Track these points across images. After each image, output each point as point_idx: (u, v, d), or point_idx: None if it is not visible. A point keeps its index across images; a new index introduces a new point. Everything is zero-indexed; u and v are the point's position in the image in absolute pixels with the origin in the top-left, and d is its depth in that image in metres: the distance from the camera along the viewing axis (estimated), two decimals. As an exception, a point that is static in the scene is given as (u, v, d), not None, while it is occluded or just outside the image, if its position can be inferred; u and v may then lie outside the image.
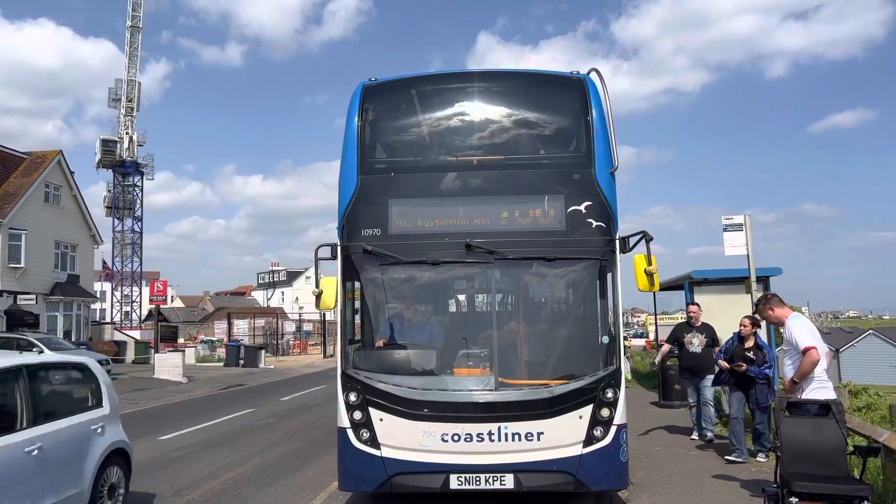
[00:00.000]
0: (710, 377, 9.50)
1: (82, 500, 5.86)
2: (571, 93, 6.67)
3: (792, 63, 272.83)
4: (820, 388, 5.97)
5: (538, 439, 5.86)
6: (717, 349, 9.33)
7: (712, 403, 9.86)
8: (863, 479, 5.45)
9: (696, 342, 9.82)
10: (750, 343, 8.55)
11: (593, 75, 6.60)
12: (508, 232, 6.24)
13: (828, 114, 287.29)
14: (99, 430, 6.26)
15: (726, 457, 8.48)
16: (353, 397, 6.07)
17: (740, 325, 8.71)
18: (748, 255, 11.45)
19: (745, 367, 8.32)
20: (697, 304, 10.45)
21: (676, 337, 10.14)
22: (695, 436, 9.99)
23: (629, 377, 18.90)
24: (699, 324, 10.02)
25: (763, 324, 8.68)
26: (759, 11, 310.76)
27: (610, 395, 5.95)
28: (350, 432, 6.06)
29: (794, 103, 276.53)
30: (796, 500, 4.94)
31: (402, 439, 5.94)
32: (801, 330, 6.07)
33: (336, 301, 6.24)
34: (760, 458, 8.50)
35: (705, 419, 9.77)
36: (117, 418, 6.72)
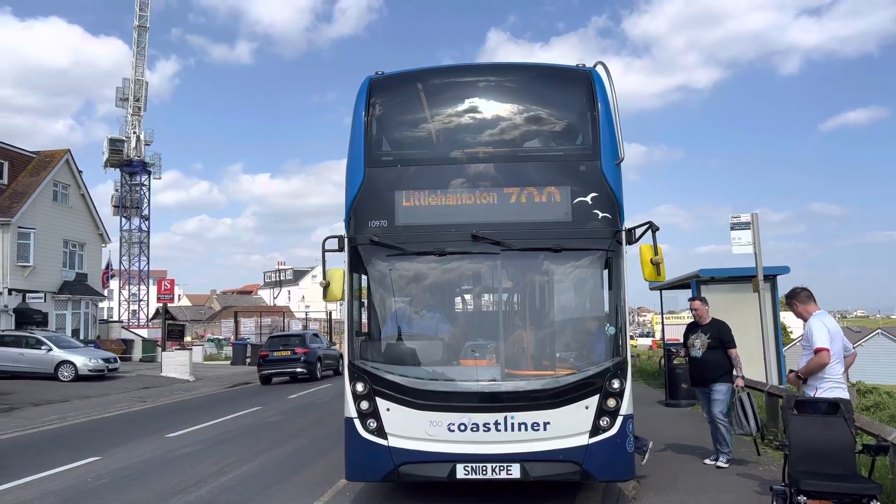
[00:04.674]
0: (720, 387, 8.04)
1: None
2: (577, 85, 6.69)
3: (805, 60, 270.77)
4: (835, 388, 5.92)
5: (545, 429, 5.86)
6: (733, 351, 8.17)
7: (723, 420, 8.02)
8: (872, 478, 5.41)
9: (697, 344, 8.24)
10: None
11: (599, 68, 6.62)
12: (515, 223, 6.24)
13: (840, 111, 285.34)
14: None
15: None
16: (360, 387, 6.07)
17: None
18: (755, 253, 11.41)
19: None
20: (701, 299, 8.61)
21: (684, 340, 8.60)
22: (708, 460, 8.34)
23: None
24: (706, 322, 8.34)
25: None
26: (772, 7, 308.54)
27: (616, 385, 5.93)
28: (357, 422, 6.08)
29: (806, 101, 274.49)
30: (804, 498, 4.90)
31: (408, 429, 5.95)
32: (820, 329, 6.01)
33: (343, 292, 6.26)
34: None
35: (719, 440, 8.18)
36: None
